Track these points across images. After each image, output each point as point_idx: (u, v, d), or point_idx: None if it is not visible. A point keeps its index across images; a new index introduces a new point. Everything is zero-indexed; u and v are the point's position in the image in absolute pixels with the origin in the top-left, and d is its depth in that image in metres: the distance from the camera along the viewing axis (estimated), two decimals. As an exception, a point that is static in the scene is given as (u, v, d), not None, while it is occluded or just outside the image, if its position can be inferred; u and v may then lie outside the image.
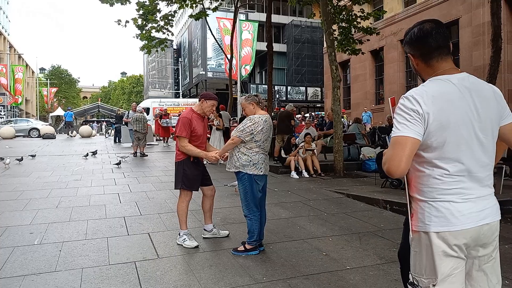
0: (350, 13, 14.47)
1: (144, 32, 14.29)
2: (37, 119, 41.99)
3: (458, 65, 15.04)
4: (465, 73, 1.67)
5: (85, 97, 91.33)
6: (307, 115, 23.93)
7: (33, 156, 12.62)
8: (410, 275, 1.75)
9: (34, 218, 5.41)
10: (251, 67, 24.92)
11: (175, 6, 14.84)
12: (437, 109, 1.55)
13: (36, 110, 56.49)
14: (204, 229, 4.59)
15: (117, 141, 19.18)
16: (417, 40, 1.69)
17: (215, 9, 16.70)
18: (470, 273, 1.69)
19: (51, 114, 48.92)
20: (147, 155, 13.34)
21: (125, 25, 13.48)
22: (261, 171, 4.00)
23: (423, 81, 1.74)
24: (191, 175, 4.25)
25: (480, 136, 1.61)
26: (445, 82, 1.62)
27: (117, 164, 10.67)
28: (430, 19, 1.71)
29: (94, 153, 13.22)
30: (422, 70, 1.74)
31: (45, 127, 25.71)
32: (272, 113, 14.42)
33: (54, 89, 57.67)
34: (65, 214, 5.61)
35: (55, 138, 22.53)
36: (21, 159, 11.19)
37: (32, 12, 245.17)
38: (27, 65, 56.50)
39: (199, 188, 4.42)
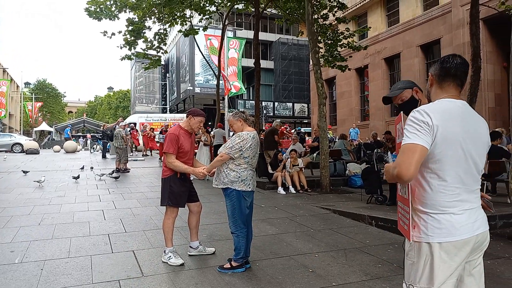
0: (336, 32, 14.80)
1: (133, 49, 14.28)
2: (20, 134, 41.30)
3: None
4: (465, 101, 1.87)
5: (70, 112, 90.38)
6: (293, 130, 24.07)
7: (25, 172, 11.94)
8: (404, 284, 1.88)
9: (16, 235, 5.29)
10: (240, 84, 25.11)
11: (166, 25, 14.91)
12: (444, 123, 1.72)
13: (20, 125, 55.62)
14: (190, 246, 4.55)
15: (105, 156, 19.01)
16: (442, 62, 1.91)
17: (205, 28, 16.90)
18: (462, 279, 1.82)
19: (35, 129, 48.20)
20: (128, 171, 13.20)
21: (111, 37, 13.45)
22: (249, 188, 4.01)
23: (429, 101, 1.95)
24: (177, 191, 4.24)
25: (474, 154, 1.78)
26: (451, 103, 1.81)
27: (116, 178, 11.11)
28: (461, 56, 1.93)
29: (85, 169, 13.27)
30: (433, 90, 1.95)
31: (29, 142, 25.29)
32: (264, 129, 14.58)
33: (39, 104, 56.94)
34: (47, 232, 5.50)
35: (38, 154, 22.19)
36: (78, 177, 10.80)
37: (31, 14, 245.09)
38: (11, 79, 55.83)
39: (186, 205, 4.40)
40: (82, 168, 13.46)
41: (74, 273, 3.92)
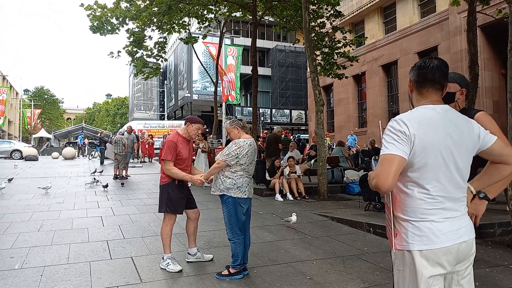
0: (333, 40, 14.91)
1: (136, 59, 14.43)
2: (19, 140, 41.27)
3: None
4: (447, 106, 1.84)
5: (69, 119, 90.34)
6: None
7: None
8: None
9: (15, 242, 5.31)
10: (237, 94, 25.25)
11: (165, 33, 15.07)
12: (422, 132, 1.70)
13: (19, 132, 55.58)
14: (188, 253, 4.57)
15: (104, 163, 19.02)
16: (418, 68, 1.88)
17: (204, 37, 17.04)
18: None
19: (34, 136, 48.18)
20: (125, 178, 13.20)
21: (119, 55, 13.71)
22: (245, 194, 4.04)
23: (413, 107, 1.91)
24: (175, 198, 4.27)
25: (457, 161, 1.75)
26: (431, 110, 1.78)
27: (122, 184, 11.44)
28: (440, 58, 1.90)
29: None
30: (414, 96, 1.92)
31: (28, 149, 25.29)
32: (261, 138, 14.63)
33: (38, 111, 56.96)
34: (47, 238, 5.52)
35: (37, 160, 22.17)
36: (107, 185, 10.59)
37: (31, 14, 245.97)
38: (11, 86, 55.83)
39: (184, 211, 4.43)
40: (95, 172, 13.84)
41: (73, 279, 3.94)
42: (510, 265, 4.44)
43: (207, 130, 14.59)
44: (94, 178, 11.68)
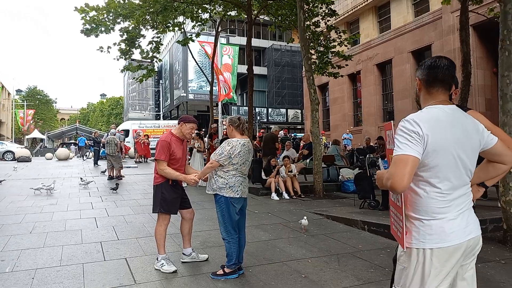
0: (328, 39, 14.93)
1: (129, 58, 14.26)
2: (12, 141, 40.97)
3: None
4: (454, 106, 1.86)
5: (62, 119, 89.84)
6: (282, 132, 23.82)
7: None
8: (393, 287, 1.89)
9: (6, 244, 5.24)
10: (233, 93, 25.25)
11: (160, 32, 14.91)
12: (434, 132, 1.72)
13: (12, 132, 55.16)
14: (183, 253, 4.54)
15: (97, 164, 18.90)
16: (429, 67, 1.88)
17: (198, 35, 16.96)
18: (454, 283, 1.83)
19: (27, 137, 47.87)
20: (121, 178, 13.14)
21: (108, 51, 13.51)
22: (238, 194, 4.02)
23: (419, 106, 1.94)
24: (169, 198, 4.23)
25: (465, 159, 1.78)
26: (440, 110, 1.80)
27: (116, 185, 10.82)
28: (447, 57, 1.91)
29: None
30: (422, 95, 1.94)
31: (21, 150, 25.11)
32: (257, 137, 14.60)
33: (31, 111, 56.55)
34: (39, 240, 5.46)
35: (30, 161, 22.03)
36: (117, 187, 10.33)
37: (23, 17, 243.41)
38: (3, 86, 55.39)
39: (178, 211, 4.39)
40: (104, 171, 14.24)
41: (65, 281, 3.89)
42: (501, 260, 4.48)
43: (203, 130, 14.47)
44: (81, 179, 11.54)
